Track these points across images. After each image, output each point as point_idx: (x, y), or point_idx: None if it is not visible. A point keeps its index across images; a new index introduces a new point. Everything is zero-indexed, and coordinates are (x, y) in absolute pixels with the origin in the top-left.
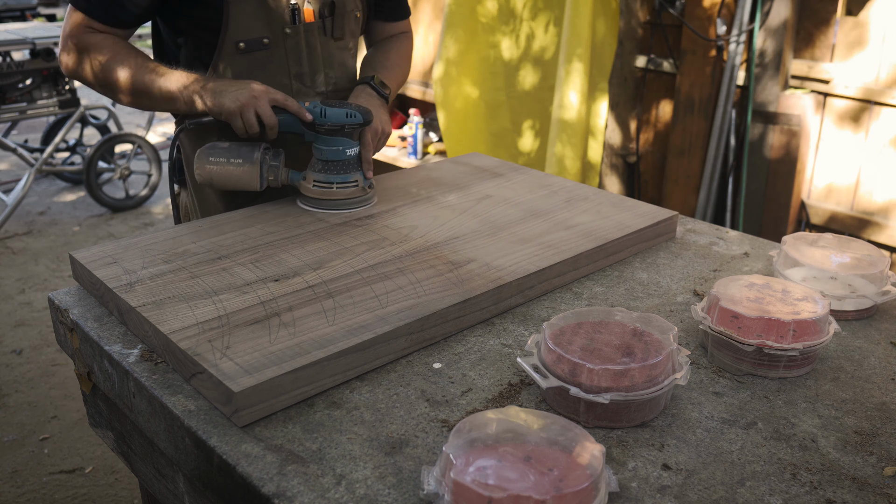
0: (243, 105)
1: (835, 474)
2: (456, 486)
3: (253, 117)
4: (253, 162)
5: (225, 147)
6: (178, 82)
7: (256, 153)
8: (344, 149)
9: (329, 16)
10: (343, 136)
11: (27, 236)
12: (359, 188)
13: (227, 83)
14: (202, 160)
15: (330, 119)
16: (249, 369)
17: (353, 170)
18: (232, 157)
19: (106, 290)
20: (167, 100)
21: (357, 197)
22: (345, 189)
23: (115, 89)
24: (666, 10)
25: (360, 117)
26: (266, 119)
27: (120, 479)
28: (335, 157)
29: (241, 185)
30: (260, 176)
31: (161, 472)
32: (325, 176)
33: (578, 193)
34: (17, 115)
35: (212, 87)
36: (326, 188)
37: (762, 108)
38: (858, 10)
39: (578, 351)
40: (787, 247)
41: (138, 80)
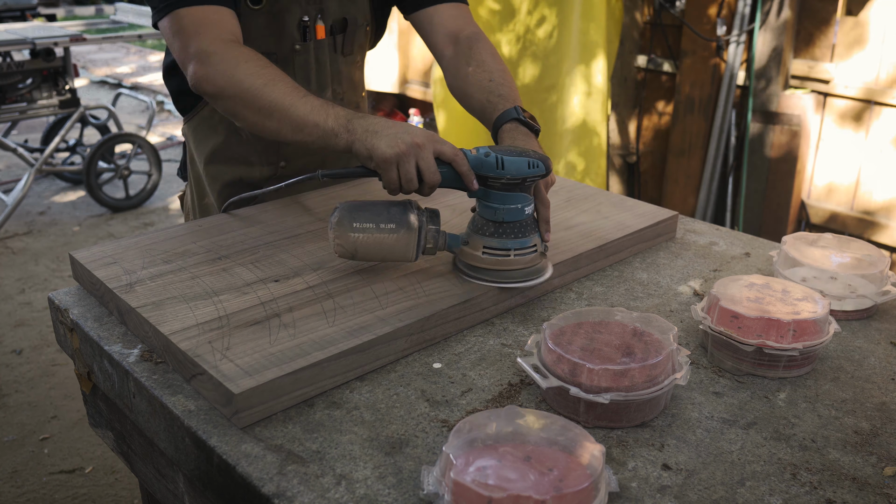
0: (403, 154)
1: (835, 474)
2: (456, 486)
3: (412, 169)
4: (409, 228)
5: (367, 209)
6: (319, 109)
7: (411, 215)
8: (523, 207)
9: (341, 32)
10: (521, 190)
11: (27, 236)
12: (538, 254)
13: (381, 123)
14: (343, 228)
15: (509, 171)
16: (249, 371)
17: (530, 232)
18: (382, 223)
19: (106, 290)
20: (306, 126)
21: (536, 265)
22: (524, 256)
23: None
24: (666, 10)
25: (544, 168)
26: (428, 175)
27: (120, 479)
28: (512, 217)
29: (392, 257)
30: (417, 245)
31: (161, 472)
32: (501, 241)
33: (578, 193)
34: (17, 115)
35: (362, 125)
36: (503, 256)
37: (762, 108)
38: (858, 10)
39: (578, 351)
40: (787, 247)
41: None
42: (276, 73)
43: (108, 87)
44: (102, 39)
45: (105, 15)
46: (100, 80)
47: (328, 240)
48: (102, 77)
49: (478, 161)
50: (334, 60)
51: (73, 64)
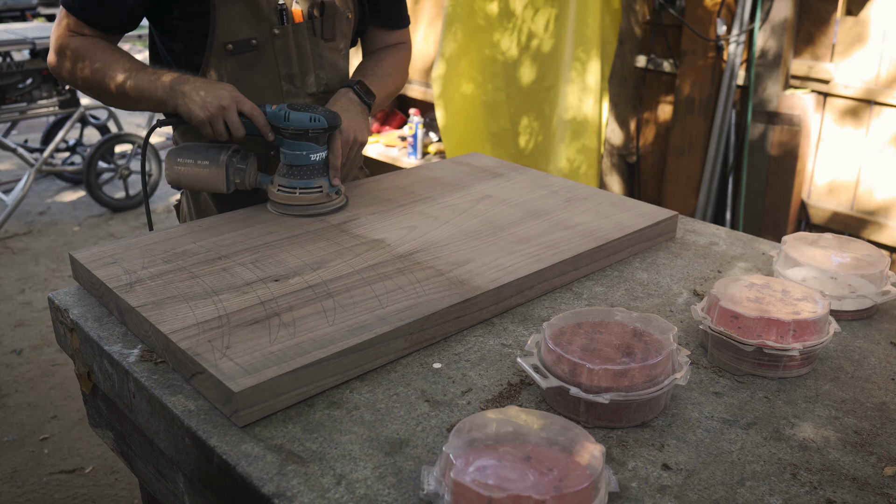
0: (212, 115)
1: (835, 474)
2: (456, 486)
3: (221, 126)
4: (219, 164)
5: (193, 148)
6: (152, 82)
7: (223, 155)
8: (308, 153)
9: (319, 16)
10: (307, 140)
11: (27, 236)
12: (322, 194)
13: (199, 86)
14: (171, 161)
15: (293, 123)
16: (249, 369)
17: (317, 175)
18: (199, 159)
19: (106, 290)
20: (143, 100)
21: (321, 203)
22: (308, 195)
23: (100, 91)
24: (666, 10)
25: (325, 122)
26: (234, 130)
27: (120, 479)
28: (299, 161)
29: (208, 187)
30: (226, 178)
31: (161, 472)
32: (289, 181)
33: (578, 193)
34: (17, 115)
35: (182, 91)
36: (290, 193)
37: (762, 108)
38: (858, 10)
39: (578, 351)
40: (787, 247)
41: (120, 81)
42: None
43: None
44: None
45: None
46: None
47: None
48: None
49: (273, 115)
50: (315, 44)
51: None
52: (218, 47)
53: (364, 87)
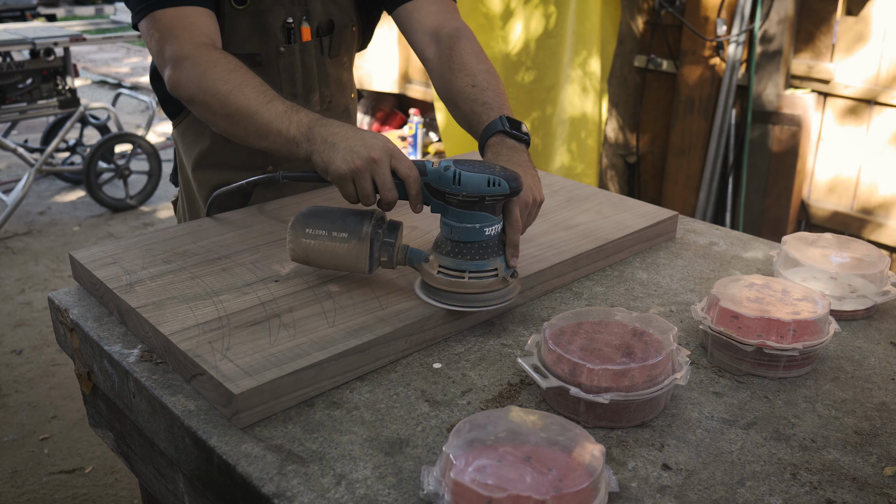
0: (357, 170)
1: (835, 474)
2: (456, 486)
3: (369, 186)
4: (361, 238)
5: (326, 215)
6: (283, 116)
7: (366, 226)
8: (482, 227)
9: (327, 34)
10: (482, 209)
11: (27, 236)
12: (498, 279)
13: (342, 133)
14: (297, 232)
15: (466, 188)
16: (249, 371)
17: (491, 255)
18: (335, 231)
19: (106, 290)
20: (268, 133)
21: (495, 290)
22: (480, 280)
23: (218, 110)
24: (666, 9)
25: (507, 186)
26: (383, 193)
27: (120, 479)
28: (468, 237)
29: (345, 266)
30: (370, 256)
31: (161, 472)
32: (456, 261)
33: (578, 193)
34: (17, 115)
35: (322, 135)
36: (456, 278)
37: (762, 108)
38: (858, 10)
39: (578, 351)
40: (787, 247)
41: (248, 104)
42: (244, 77)
43: (108, 87)
44: (102, 39)
45: (105, 15)
46: (100, 79)
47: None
48: (102, 77)
49: (437, 175)
50: (321, 63)
51: (73, 64)
52: None
53: (514, 123)
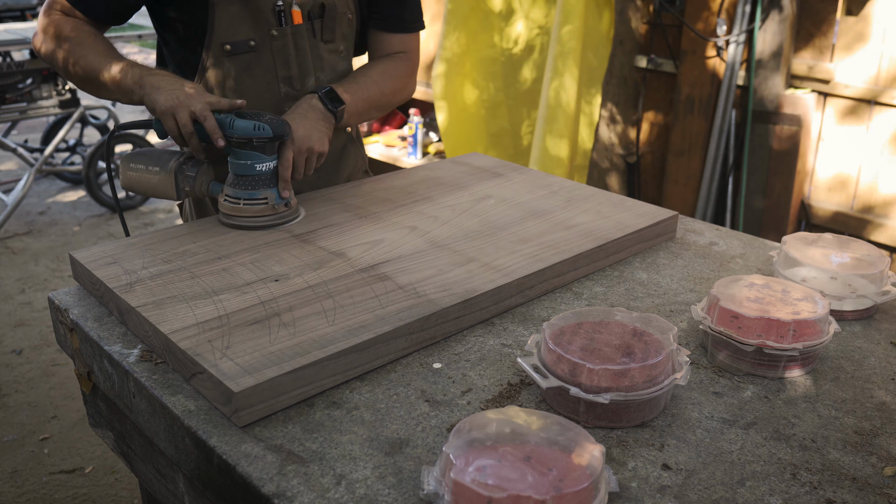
0: (175, 106)
1: (835, 474)
2: (456, 486)
3: (188, 117)
4: (168, 171)
5: (147, 153)
6: (121, 71)
7: (172, 161)
8: (253, 163)
9: (318, 18)
10: (253, 149)
11: (27, 236)
12: (268, 206)
13: (168, 80)
14: (124, 165)
15: (237, 131)
16: (249, 369)
17: (263, 186)
18: (150, 164)
19: (106, 290)
20: (107, 87)
21: (266, 215)
22: (252, 206)
23: (72, 72)
24: (666, 10)
25: (270, 131)
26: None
27: (120, 479)
28: (243, 171)
29: (158, 194)
30: (176, 186)
31: (161, 472)
32: (234, 191)
33: (578, 193)
34: (17, 115)
35: (150, 82)
36: (234, 203)
37: (762, 108)
38: (858, 10)
39: (578, 351)
40: (787, 247)
41: (90, 64)
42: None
43: None
44: None
45: None
46: None
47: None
48: None
49: (219, 121)
50: (315, 46)
51: None
52: (216, 47)
53: (332, 94)
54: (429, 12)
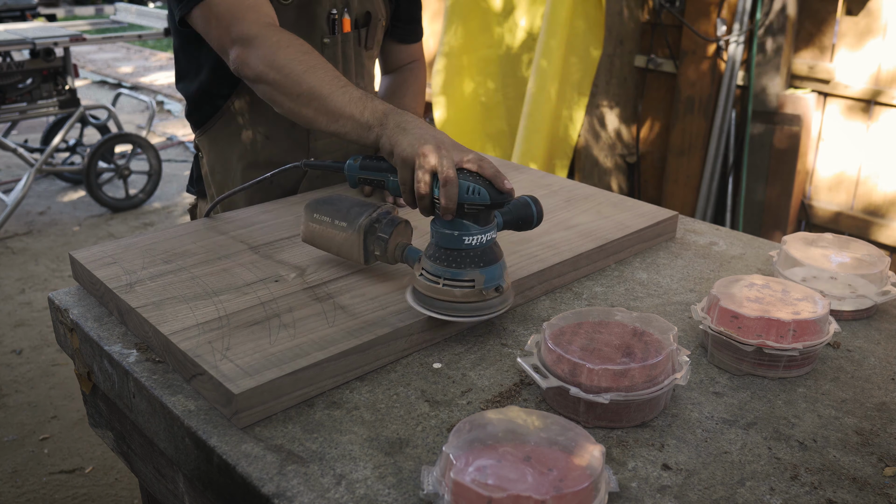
0: (422, 153)
1: (835, 474)
2: (456, 486)
3: (429, 172)
4: (357, 229)
5: (336, 203)
6: (357, 101)
7: (364, 218)
8: (461, 235)
9: (364, 26)
10: (462, 216)
11: (27, 236)
12: (474, 291)
13: (417, 122)
14: (307, 216)
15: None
16: (249, 371)
17: (469, 265)
18: (337, 219)
19: (106, 290)
20: (341, 116)
21: (469, 302)
22: (453, 289)
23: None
24: (666, 10)
25: (486, 196)
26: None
27: (120, 479)
28: (448, 244)
29: (343, 254)
30: (363, 248)
31: (161, 472)
32: (434, 266)
33: (578, 193)
34: (17, 115)
35: (395, 121)
36: (432, 283)
37: (762, 108)
38: (858, 10)
39: (578, 351)
40: (787, 247)
41: (319, 87)
42: (317, 59)
43: (108, 87)
44: (102, 39)
45: (105, 15)
46: (100, 79)
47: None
48: (102, 77)
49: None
50: (359, 54)
51: (73, 64)
52: None
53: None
54: (429, 11)
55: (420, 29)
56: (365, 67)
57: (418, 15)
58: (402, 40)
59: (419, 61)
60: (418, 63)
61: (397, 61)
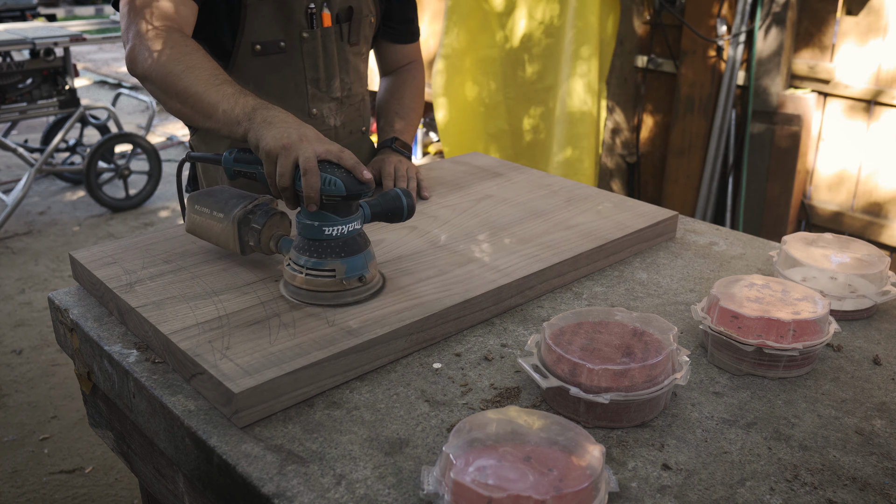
0: (285, 147)
1: (835, 474)
2: (456, 486)
3: (290, 164)
4: (231, 221)
5: (214, 194)
6: (230, 97)
7: (239, 209)
8: (321, 225)
9: (346, 21)
10: (323, 208)
11: (27, 236)
12: (334, 280)
13: (283, 116)
14: (190, 205)
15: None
16: (249, 370)
17: (330, 255)
18: (215, 210)
19: (106, 290)
20: (209, 114)
21: (330, 291)
22: (315, 278)
23: (170, 92)
24: (666, 10)
25: (343, 188)
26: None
27: (120, 479)
28: (310, 234)
29: (222, 244)
30: (238, 239)
31: (161, 472)
32: (297, 256)
33: (578, 193)
34: (17, 115)
35: (262, 115)
36: (296, 272)
37: (762, 108)
38: (858, 10)
39: (578, 351)
40: (787, 247)
41: (194, 85)
42: (199, 60)
43: (108, 87)
44: (102, 39)
45: (105, 15)
46: (100, 79)
47: None
48: (102, 77)
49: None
50: (342, 49)
51: (73, 64)
52: (245, 47)
53: (402, 143)
54: (429, 11)
55: (416, 29)
56: (350, 63)
57: (412, 15)
58: (397, 40)
59: (416, 62)
60: (416, 64)
61: (394, 62)
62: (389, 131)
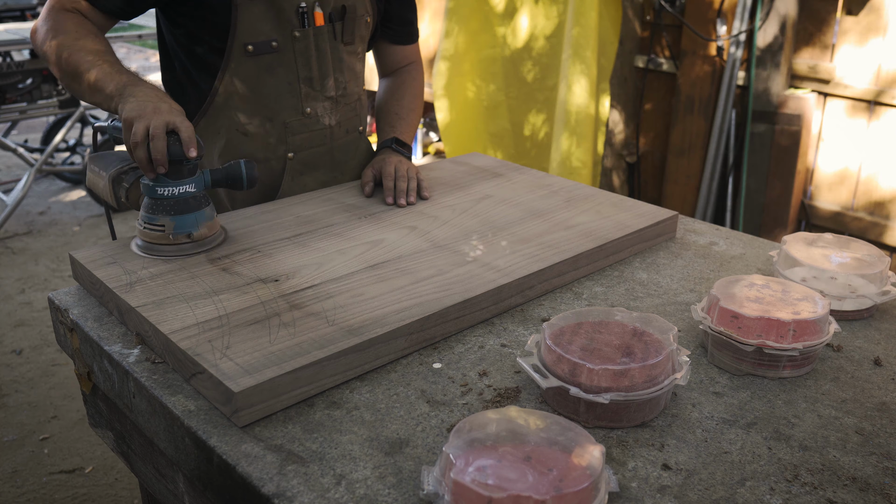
0: (139, 115)
1: (835, 474)
2: (456, 486)
3: (143, 132)
4: (107, 178)
5: (103, 157)
6: (108, 74)
7: (114, 169)
8: (155, 186)
9: (339, 20)
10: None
11: (27, 236)
12: (163, 234)
13: (149, 92)
14: (89, 166)
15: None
16: (249, 369)
17: (162, 212)
18: (101, 168)
19: (106, 290)
20: (90, 89)
21: (161, 244)
22: (149, 231)
23: (62, 69)
24: (666, 10)
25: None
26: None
27: (120, 479)
28: (147, 192)
29: (105, 199)
30: (114, 194)
31: (161, 472)
32: (141, 213)
33: (578, 193)
34: (17, 115)
35: (131, 91)
36: (137, 223)
37: (762, 108)
38: (858, 10)
39: (578, 351)
40: (787, 247)
41: (80, 63)
42: (88, 42)
43: None
44: None
45: None
46: None
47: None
48: None
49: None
50: (335, 48)
51: None
52: (237, 47)
53: (402, 144)
54: (429, 10)
55: (415, 30)
56: (345, 62)
57: (411, 17)
58: (397, 42)
59: (416, 63)
60: (415, 65)
61: (393, 63)
62: (389, 132)
